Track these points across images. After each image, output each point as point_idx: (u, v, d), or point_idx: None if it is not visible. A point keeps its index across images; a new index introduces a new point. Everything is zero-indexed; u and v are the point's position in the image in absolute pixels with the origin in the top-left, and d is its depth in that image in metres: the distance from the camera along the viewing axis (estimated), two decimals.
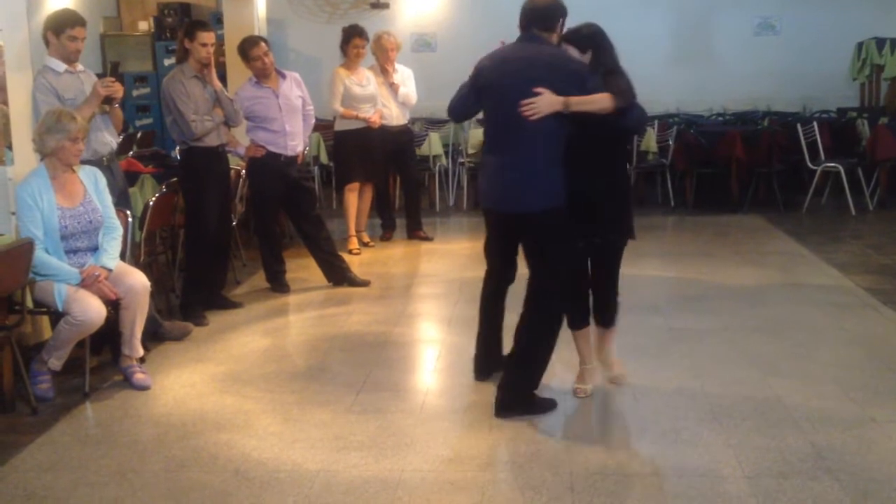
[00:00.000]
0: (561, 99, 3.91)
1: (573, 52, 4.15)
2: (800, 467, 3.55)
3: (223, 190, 5.96)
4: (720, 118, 11.51)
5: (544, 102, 3.90)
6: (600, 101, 3.96)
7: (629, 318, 5.63)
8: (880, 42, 11.07)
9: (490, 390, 4.43)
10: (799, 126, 9.46)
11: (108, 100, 5.04)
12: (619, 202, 4.30)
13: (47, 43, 5.02)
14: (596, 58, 4.18)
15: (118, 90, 5.04)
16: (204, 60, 5.69)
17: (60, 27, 4.96)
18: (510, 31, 4.46)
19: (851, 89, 11.93)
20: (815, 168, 9.34)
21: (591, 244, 4.28)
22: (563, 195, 4.03)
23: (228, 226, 6.22)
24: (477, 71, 4.18)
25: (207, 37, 5.68)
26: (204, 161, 5.78)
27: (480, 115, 4.41)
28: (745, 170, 9.54)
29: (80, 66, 5.16)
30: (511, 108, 3.95)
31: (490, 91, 4.10)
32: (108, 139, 5.23)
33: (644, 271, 7.10)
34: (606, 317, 4.44)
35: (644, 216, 9.43)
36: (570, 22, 4.26)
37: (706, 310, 5.80)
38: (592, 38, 4.20)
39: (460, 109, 4.35)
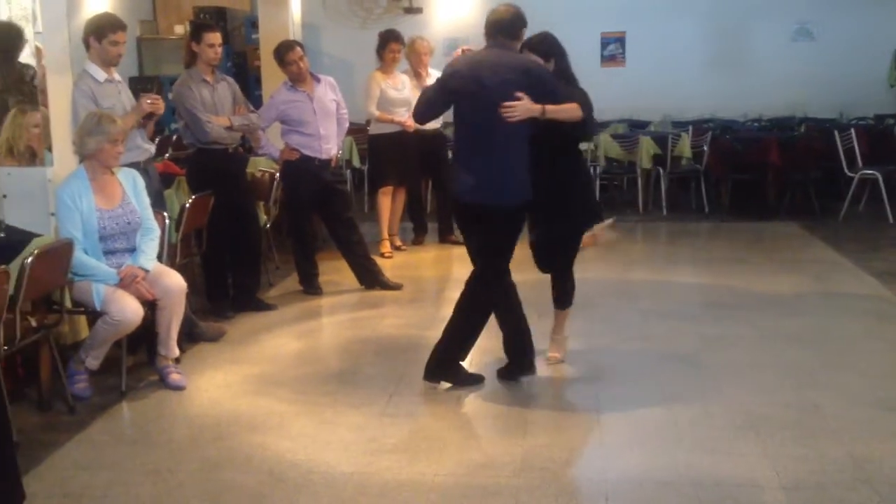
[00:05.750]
0: (539, 106, 4.20)
1: (536, 59, 4.46)
2: (838, 478, 3.50)
3: (236, 191, 5.94)
4: (756, 124, 11.40)
5: (523, 108, 4.17)
6: (571, 111, 4.31)
7: (663, 325, 5.62)
8: None
9: (523, 396, 4.43)
10: (836, 132, 9.35)
11: (149, 115, 5.11)
12: (563, 196, 4.56)
13: (88, 47, 5.08)
14: (557, 65, 4.54)
15: (161, 108, 5.12)
16: (212, 62, 5.74)
17: (102, 32, 5.01)
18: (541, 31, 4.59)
19: (889, 96, 11.77)
20: (852, 175, 9.22)
21: (551, 232, 4.67)
22: (530, 192, 4.34)
23: (255, 228, 6.23)
24: (449, 74, 4.39)
25: (214, 37, 5.72)
26: (214, 163, 5.80)
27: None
28: (780, 176, 9.46)
29: (116, 76, 5.22)
30: (490, 111, 4.17)
31: (466, 94, 4.30)
32: (146, 146, 5.29)
33: (677, 278, 7.06)
34: (563, 299, 4.83)
35: (677, 222, 9.40)
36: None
37: (740, 317, 5.74)
38: (553, 47, 4.55)
39: (427, 112, 4.60)
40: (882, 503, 3.31)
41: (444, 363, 4.54)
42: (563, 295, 4.83)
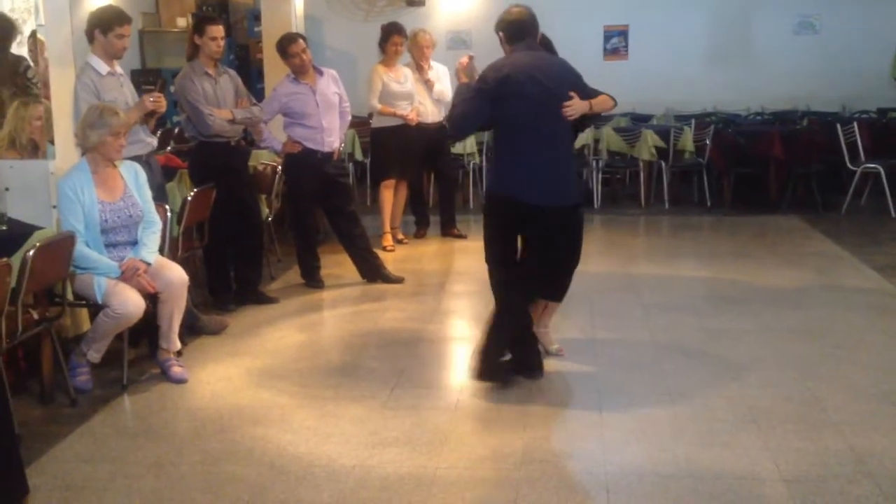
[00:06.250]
0: (587, 103, 4.37)
1: None
2: (839, 471, 3.50)
3: (238, 184, 5.94)
4: (758, 117, 11.39)
5: (579, 105, 4.33)
6: (607, 102, 4.52)
7: (664, 319, 5.62)
8: None
9: (524, 389, 4.43)
10: (838, 126, 9.34)
11: (151, 113, 5.12)
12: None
13: (92, 40, 5.07)
14: None
15: (163, 106, 5.13)
16: (215, 55, 5.73)
17: (109, 25, 5.01)
18: (545, 27, 4.59)
19: (892, 89, 11.76)
20: (854, 169, 9.22)
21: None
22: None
23: (256, 221, 6.21)
24: (500, 81, 4.31)
25: (217, 30, 5.70)
26: (217, 156, 5.79)
27: None
28: (783, 170, 9.45)
29: (119, 69, 5.21)
30: (551, 111, 4.29)
31: (523, 98, 4.29)
32: (148, 140, 5.30)
33: (680, 272, 7.06)
34: (561, 291, 4.78)
35: (680, 216, 9.40)
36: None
37: (743, 311, 5.75)
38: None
39: (473, 122, 4.51)
40: (883, 496, 3.31)
41: (491, 363, 4.48)
42: (562, 287, 4.77)
